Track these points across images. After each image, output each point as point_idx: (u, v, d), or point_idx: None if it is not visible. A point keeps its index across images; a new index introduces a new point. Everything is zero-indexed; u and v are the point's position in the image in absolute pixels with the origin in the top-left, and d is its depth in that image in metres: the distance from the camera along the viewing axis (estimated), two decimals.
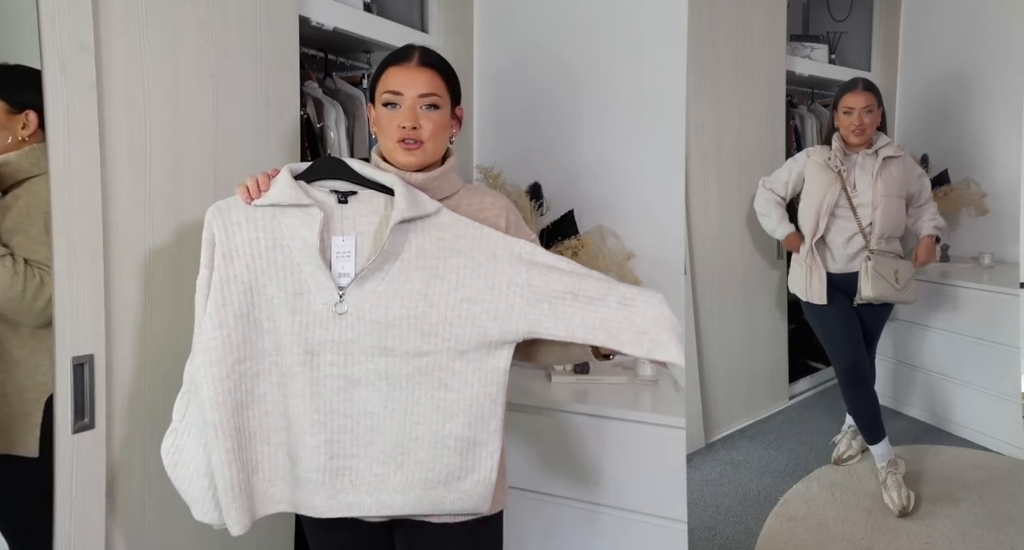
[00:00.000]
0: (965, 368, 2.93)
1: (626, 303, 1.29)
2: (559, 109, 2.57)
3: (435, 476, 1.31)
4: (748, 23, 2.93)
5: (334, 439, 1.31)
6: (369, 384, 1.30)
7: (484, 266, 1.31)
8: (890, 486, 2.55)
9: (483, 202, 1.47)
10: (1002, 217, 3.00)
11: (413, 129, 1.37)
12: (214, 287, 1.28)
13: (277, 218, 1.31)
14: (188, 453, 1.32)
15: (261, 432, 1.32)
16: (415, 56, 1.41)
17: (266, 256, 1.30)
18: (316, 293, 1.29)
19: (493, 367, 1.31)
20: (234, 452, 1.28)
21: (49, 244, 1.35)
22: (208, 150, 1.64)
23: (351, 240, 1.31)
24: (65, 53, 1.35)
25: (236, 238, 1.30)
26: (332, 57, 2.40)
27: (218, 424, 1.27)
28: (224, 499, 1.29)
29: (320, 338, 1.29)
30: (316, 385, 1.30)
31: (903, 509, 2.50)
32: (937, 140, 3.19)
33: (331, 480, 1.31)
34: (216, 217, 1.31)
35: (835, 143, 2.63)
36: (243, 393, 1.30)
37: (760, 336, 3.05)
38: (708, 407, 2.79)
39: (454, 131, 1.48)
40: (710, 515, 2.53)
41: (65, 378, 1.37)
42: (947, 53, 3.20)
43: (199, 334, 1.29)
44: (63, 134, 1.35)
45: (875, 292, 2.51)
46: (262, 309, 1.30)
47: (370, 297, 1.29)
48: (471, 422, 1.31)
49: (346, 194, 1.34)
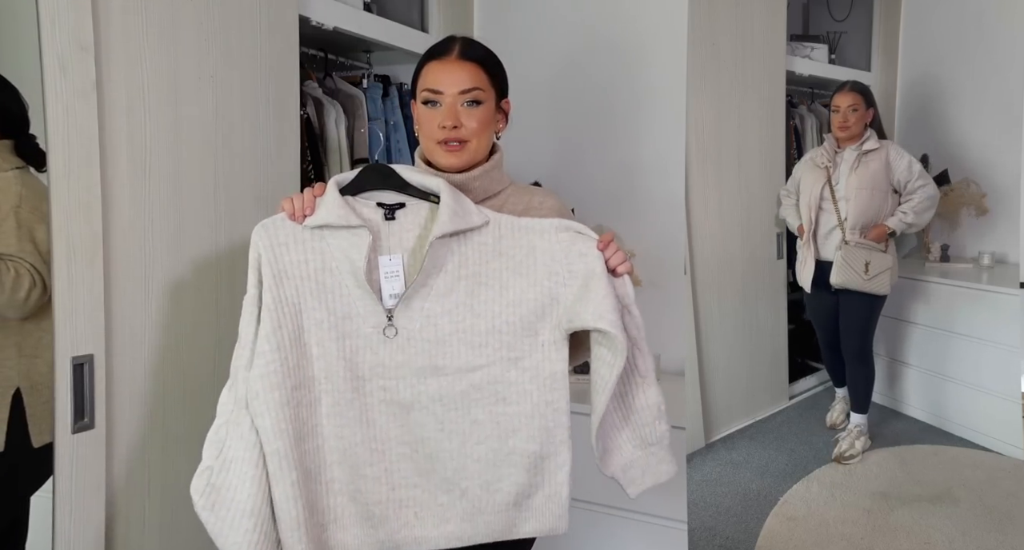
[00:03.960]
0: (965, 368, 2.93)
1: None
2: (559, 109, 2.57)
3: (503, 498, 1.23)
4: (748, 23, 2.93)
5: (393, 469, 1.23)
6: (422, 408, 1.23)
7: (524, 262, 1.24)
8: (844, 436, 2.86)
9: (531, 201, 1.38)
10: (1002, 217, 3.00)
11: (454, 129, 1.30)
12: (267, 308, 1.21)
13: (326, 239, 1.23)
14: (228, 492, 1.19)
15: (315, 468, 1.22)
16: (455, 49, 1.33)
17: (315, 279, 1.23)
18: (365, 316, 1.23)
19: (550, 372, 1.23)
20: (299, 486, 1.18)
21: (47, 243, 1.35)
22: (208, 150, 1.64)
23: (398, 259, 1.24)
24: (65, 53, 1.34)
25: (284, 259, 1.23)
26: (332, 57, 2.40)
27: (283, 453, 1.17)
28: (289, 539, 1.17)
29: (371, 363, 1.23)
30: (369, 412, 1.23)
31: (840, 456, 2.81)
32: (937, 140, 3.19)
33: (395, 513, 1.23)
34: (262, 237, 1.24)
35: (826, 142, 2.86)
36: (300, 423, 1.20)
37: (760, 336, 3.05)
38: (708, 407, 2.79)
39: (500, 126, 1.40)
40: (710, 515, 2.53)
41: (65, 378, 1.37)
42: (947, 53, 3.20)
43: (256, 357, 1.20)
44: (63, 134, 1.35)
45: (838, 279, 2.73)
46: (311, 334, 1.22)
47: (418, 316, 1.23)
48: (535, 435, 1.22)
49: (393, 208, 1.26)
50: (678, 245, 2.44)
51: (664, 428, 1.28)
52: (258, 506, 1.18)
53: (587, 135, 2.54)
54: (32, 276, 1.39)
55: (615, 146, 2.50)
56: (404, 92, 2.51)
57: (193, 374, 1.60)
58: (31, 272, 1.39)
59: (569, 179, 2.54)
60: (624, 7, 2.47)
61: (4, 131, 1.44)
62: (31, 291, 1.38)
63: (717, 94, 2.81)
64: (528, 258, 1.24)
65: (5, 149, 1.43)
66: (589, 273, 1.23)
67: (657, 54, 2.42)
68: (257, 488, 1.18)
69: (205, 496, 1.19)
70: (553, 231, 1.25)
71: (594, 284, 1.22)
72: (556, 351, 1.24)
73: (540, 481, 1.24)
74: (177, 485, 1.57)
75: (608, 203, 2.49)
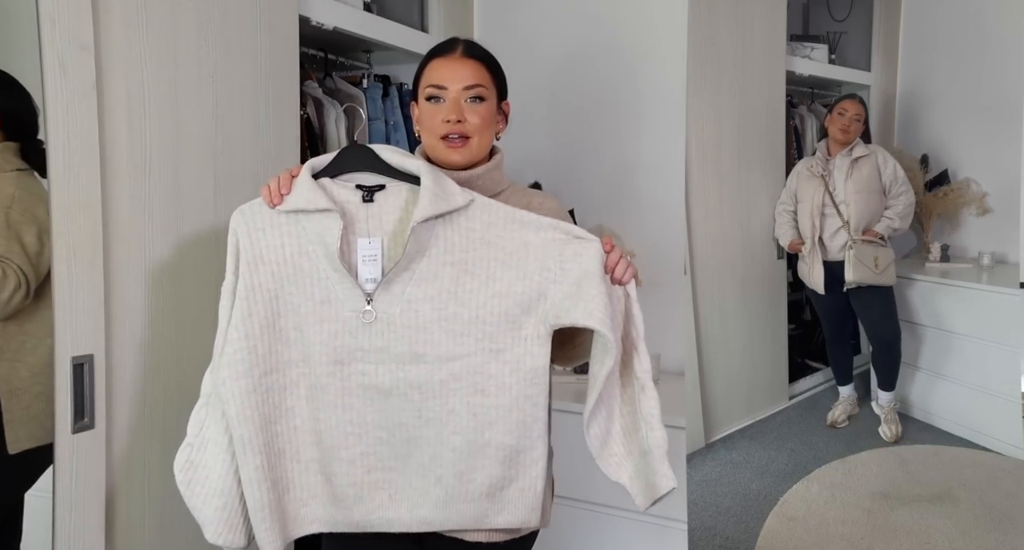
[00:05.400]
0: (965, 368, 2.93)
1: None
2: (559, 109, 2.57)
3: (476, 488, 1.23)
4: (748, 23, 2.93)
5: (370, 451, 1.24)
6: (401, 394, 1.23)
7: (515, 254, 1.22)
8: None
9: (531, 202, 1.38)
10: (1002, 217, 3.01)
11: (458, 122, 1.30)
12: (239, 296, 1.22)
13: (301, 222, 1.23)
14: (203, 470, 1.24)
15: (291, 448, 1.24)
16: (459, 47, 1.35)
17: (292, 263, 1.23)
18: (344, 301, 1.22)
19: (532, 367, 1.22)
20: (264, 470, 1.21)
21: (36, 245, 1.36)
22: (208, 150, 1.64)
23: (377, 242, 1.23)
24: (65, 53, 1.34)
25: (261, 244, 1.23)
26: (332, 57, 2.40)
27: (247, 440, 1.20)
28: (255, 520, 1.21)
29: (350, 347, 1.22)
30: (347, 396, 1.23)
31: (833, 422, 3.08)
32: (937, 140, 3.20)
33: (369, 494, 1.25)
34: (240, 223, 1.24)
35: (818, 152, 3.03)
36: (271, 407, 1.22)
37: (760, 336, 3.05)
38: (708, 407, 2.79)
39: (500, 127, 1.41)
40: (710, 515, 2.53)
41: (65, 378, 1.37)
42: (947, 53, 3.20)
43: (224, 345, 1.22)
44: (63, 134, 1.35)
45: (855, 276, 2.88)
46: (288, 319, 1.23)
47: (399, 300, 1.22)
48: (512, 428, 1.22)
49: (372, 190, 1.24)
50: (678, 245, 2.44)
51: (658, 437, 1.25)
52: (228, 486, 1.23)
53: (587, 135, 2.54)
54: (18, 277, 1.38)
55: (615, 146, 2.50)
56: (404, 92, 2.51)
57: (193, 374, 1.59)
58: (17, 273, 1.38)
59: (569, 179, 2.54)
60: (624, 7, 2.47)
61: (11, 133, 1.44)
62: (15, 292, 1.38)
63: (717, 94, 2.81)
64: (520, 251, 1.23)
65: (9, 151, 1.43)
66: (583, 273, 1.21)
67: (657, 54, 2.42)
68: (227, 469, 1.23)
69: (184, 471, 1.25)
70: (551, 229, 1.24)
71: (587, 283, 1.21)
72: (539, 346, 1.22)
73: (514, 474, 1.24)
74: (177, 485, 1.58)
75: (608, 203, 2.49)
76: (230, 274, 1.24)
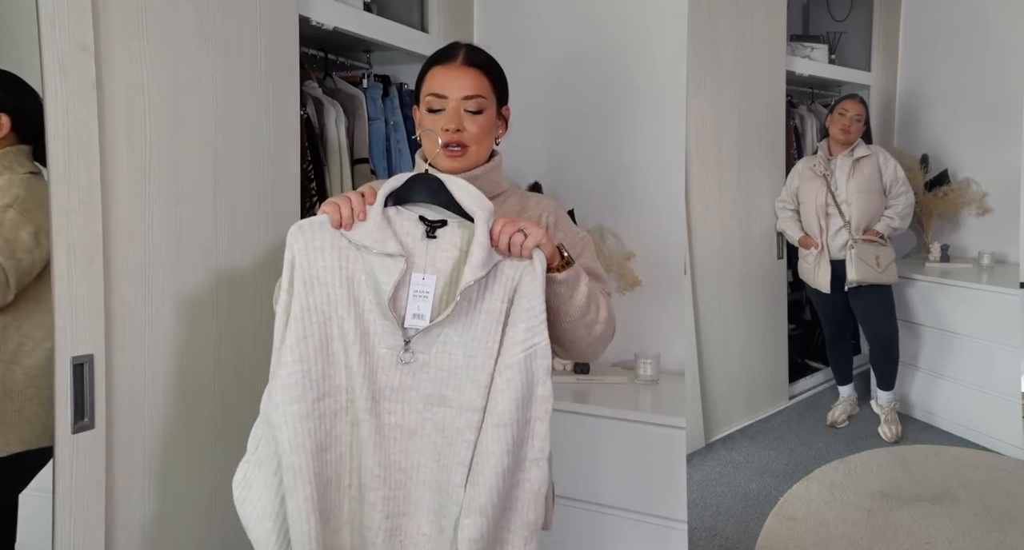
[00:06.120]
0: (965, 368, 2.93)
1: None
2: (559, 109, 2.57)
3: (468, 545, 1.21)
4: (748, 23, 2.93)
5: (391, 496, 1.24)
6: (425, 435, 1.23)
7: (517, 297, 1.23)
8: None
9: (527, 204, 1.41)
10: (1002, 217, 3.01)
11: (457, 131, 1.33)
12: (294, 316, 1.20)
13: (361, 251, 1.23)
14: (255, 490, 1.23)
15: (336, 476, 1.23)
16: (460, 55, 1.37)
17: (346, 288, 1.22)
18: (382, 336, 1.22)
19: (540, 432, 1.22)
20: (313, 500, 1.18)
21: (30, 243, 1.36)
22: (208, 150, 1.64)
23: (431, 280, 1.22)
24: (65, 53, 1.34)
25: (318, 264, 1.22)
26: (332, 57, 2.40)
27: (297, 469, 1.17)
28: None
29: (382, 385, 1.22)
30: (379, 435, 1.23)
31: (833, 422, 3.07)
32: (937, 140, 3.20)
33: (385, 541, 1.24)
34: (299, 239, 1.22)
35: (820, 152, 3.04)
36: (322, 434, 1.21)
37: (760, 336, 3.05)
38: (708, 407, 2.79)
39: (500, 132, 1.43)
40: (710, 515, 2.53)
41: (65, 378, 1.37)
42: (947, 53, 3.20)
43: (278, 367, 1.20)
44: (63, 134, 1.35)
45: (856, 275, 2.90)
46: (339, 343, 1.22)
47: (436, 341, 1.22)
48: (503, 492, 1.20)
49: (435, 226, 1.24)
50: (678, 245, 2.44)
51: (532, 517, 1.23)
52: (279, 510, 1.21)
53: (587, 135, 2.54)
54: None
55: (615, 146, 2.50)
56: (404, 92, 2.51)
57: (193, 374, 1.60)
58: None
59: (569, 179, 2.54)
60: (624, 7, 2.47)
61: (25, 136, 1.45)
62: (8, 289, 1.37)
63: (717, 94, 2.81)
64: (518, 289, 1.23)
65: (23, 154, 1.44)
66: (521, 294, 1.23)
67: (657, 54, 2.42)
68: (275, 493, 1.21)
69: (240, 488, 1.24)
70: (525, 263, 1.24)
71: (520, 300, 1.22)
72: (547, 391, 1.22)
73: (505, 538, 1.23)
74: (177, 485, 1.58)
75: (608, 203, 2.49)
76: (284, 293, 1.22)
